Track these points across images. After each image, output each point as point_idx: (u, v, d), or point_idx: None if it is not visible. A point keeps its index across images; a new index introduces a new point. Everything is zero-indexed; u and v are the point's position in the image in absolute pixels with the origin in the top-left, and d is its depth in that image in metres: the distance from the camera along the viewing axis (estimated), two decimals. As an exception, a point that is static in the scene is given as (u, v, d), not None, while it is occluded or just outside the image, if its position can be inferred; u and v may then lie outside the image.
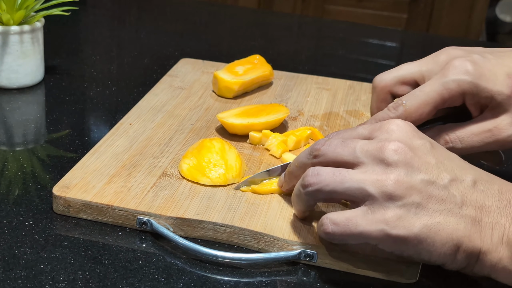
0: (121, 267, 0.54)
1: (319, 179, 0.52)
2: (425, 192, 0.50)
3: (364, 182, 0.51)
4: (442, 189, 0.50)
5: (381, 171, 0.51)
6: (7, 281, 0.51)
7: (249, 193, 0.62)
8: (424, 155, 0.51)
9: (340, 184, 0.51)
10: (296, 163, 0.58)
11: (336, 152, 0.53)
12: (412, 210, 0.49)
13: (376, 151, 0.51)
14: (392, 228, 0.50)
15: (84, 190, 0.60)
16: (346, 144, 0.53)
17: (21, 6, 0.82)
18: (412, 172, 0.50)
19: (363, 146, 0.52)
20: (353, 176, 0.51)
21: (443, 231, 0.49)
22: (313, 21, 1.44)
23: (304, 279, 0.55)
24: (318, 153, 0.54)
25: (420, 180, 0.50)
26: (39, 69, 0.86)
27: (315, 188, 0.53)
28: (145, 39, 1.11)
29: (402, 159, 0.50)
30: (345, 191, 0.51)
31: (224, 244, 0.58)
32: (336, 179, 0.52)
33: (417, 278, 0.55)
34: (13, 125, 0.77)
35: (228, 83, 0.82)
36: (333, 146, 0.54)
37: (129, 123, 0.74)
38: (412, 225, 0.49)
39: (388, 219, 0.50)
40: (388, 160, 0.51)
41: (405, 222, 0.49)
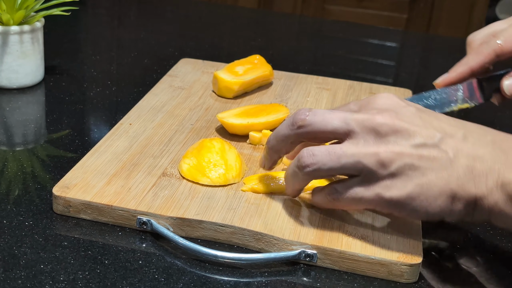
0: (121, 267, 0.54)
1: (316, 159, 0.54)
2: (417, 154, 0.52)
3: (358, 156, 0.53)
4: (433, 147, 0.52)
5: (372, 141, 0.53)
6: (7, 281, 0.51)
7: (249, 193, 0.62)
8: (412, 120, 0.53)
9: (337, 162, 0.53)
10: (277, 137, 0.58)
11: (325, 121, 0.54)
12: (404, 172, 0.52)
13: (366, 120, 0.53)
14: (385, 192, 0.52)
15: (84, 190, 0.60)
16: (335, 113, 0.54)
17: (21, 6, 0.82)
18: (402, 138, 0.52)
19: (353, 115, 0.54)
20: (347, 151, 0.53)
21: (436, 186, 0.51)
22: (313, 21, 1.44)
23: (304, 279, 0.55)
24: (304, 123, 0.55)
25: (410, 145, 0.52)
26: (39, 69, 0.86)
27: (313, 169, 0.54)
28: (145, 39, 1.11)
29: (391, 127, 0.52)
30: (342, 167, 0.53)
31: (224, 244, 0.58)
32: (332, 157, 0.53)
33: (417, 278, 0.55)
34: (13, 125, 0.77)
35: (228, 83, 0.82)
36: (320, 115, 0.55)
37: (129, 123, 0.74)
38: (404, 186, 0.52)
39: (382, 185, 0.53)
40: (378, 129, 0.53)
41: (398, 185, 0.52)
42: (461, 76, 0.67)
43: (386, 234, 0.57)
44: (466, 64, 0.67)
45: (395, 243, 0.56)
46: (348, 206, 0.56)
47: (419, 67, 1.11)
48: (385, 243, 0.56)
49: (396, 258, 0.54)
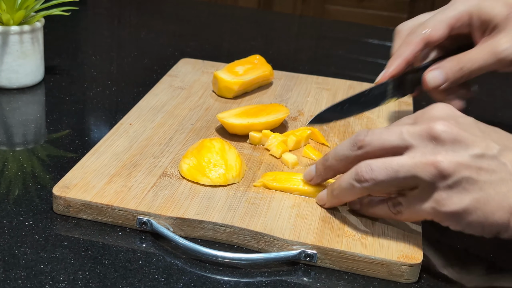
0: (121, 267, 0.54)
1: (374, 174, 0.54)
2: (475, 166, 0.51)
3: (415, 169, 0.52)
4: (492, 159, 0.51)
5: (430, 151, 0.52)
6: (7, 281, 0.51)
7: (249, 192, 0.62)
8: (470, 129, 0.52)
9: (394, 176, 0.53)
10: (336, 157, 0.58)
11: (383, 139, 0.54)
12: (462, 185, 0.51)
13: (424, 131, 0.52)
14: (442, 206, 0.52)
15: (84, 190, 0.60)
16: (391, 129, 0.54)
17: (21, 6, 0.82)
18: (460, 148, 0.51)
19: (409, 129, 0.53)
20: (404, 165, 0.52)
21: (494, 201, 0.50)
22: (313, 21, 1.44)
23: (304, 279, 0.55)
24: (363, 144, 0.55)
25: (469, 155, 0.51)
26: (39, 69, 0.86)
27: (371, 184, 0.54)
28: (145, 39, 1.11)
29: (450, 135, 0.51)
30: (399, 181, 0.53)
31: (224, 244, 0.58)
32: (389, 172, 0.53)
33: (417, 278, 0.55)
34: (13, 125, 0.77)
35: (228, 83, 0.82)
36: (377, 134, 0.55)
37: (129, 123, 0.74)
38: (461, 200, 0.51)
39: (438, 198, 0.52)
40: (437, 137, 0.52)
41: (454, 199, 0.51)
42: (399, 69, 0.69)
43: (386, 234, 0.57)
44: (400, 56, 0.69)
45: (395, 243, 0.56)
46: (409, 218, 0.56)
47: (419, 67, 1.11)
48: (385, 243, 0.56)
49: (396, 258, 0.54)
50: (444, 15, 0.68)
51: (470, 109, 0.67)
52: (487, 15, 0.67)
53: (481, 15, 0.67)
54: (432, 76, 0.68)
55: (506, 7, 0.67)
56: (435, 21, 0.68)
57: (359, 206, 0.59)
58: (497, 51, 0.65)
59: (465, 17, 0.68)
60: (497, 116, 0.92)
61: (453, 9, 0.69)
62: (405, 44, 0.69)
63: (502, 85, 1.02)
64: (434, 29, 0.68)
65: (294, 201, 0.61)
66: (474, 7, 0.68)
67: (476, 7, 0.68)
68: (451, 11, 0.68)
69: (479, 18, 0.68)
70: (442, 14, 0.69)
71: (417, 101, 0.88)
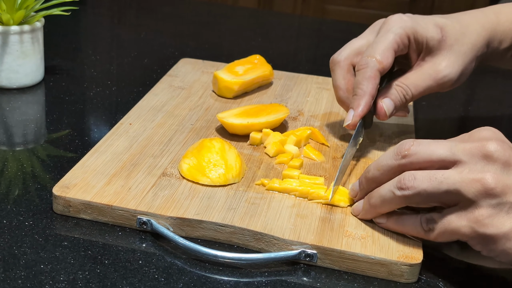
0: (121, 267, 0.54)
1: (417, 183, 0.53)
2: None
3: (461, 185, 0.51)
4: None
5: (479, 169, 0.51)
6: (7, 281, 0.51)
7: (249, 192, 0.62)
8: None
9: (437, 188, 0.52)
10: (378, 167, 0.57)
11: (431, 150, 0.53)
12: (505, 209, 0.50)
13: (476, 148, 0.51)
14: (481, 226, 0.50)
15: (84, 190, 0.60)
16: (440, 142, 0.53)
17: (21, 6, 0.82)
18: (510, 171, 0.50)
19: (460, 145, 0.52)
20: (449, 178, 0.51)
21: None
22: (313, 21, 1.44)
23: (304, 279, 0.55)
24: (409, 153, 0.54)
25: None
26: (39, 69, 0.86)
27: (412, 192, 0.53)
28: (145, 39, 1.11)
29: (502, 155, 0.50)
30: (441, 194, 0.52)
31: (224, 244, 0.58)
32: (432, 183, 0.52)
33: (417, 278, 0.55)
34: (13, 125, 0.77)
35: (228, 83, 0.82)
36: (425, 145, 0.54)
37: (129, 123, 0.74)
38: (502, 224, 0.50)
39: (479, 217, 0.50)
40: (488, 157, 0.51)
41: (495, 221, 0.50)
42: (368, 106, 0.67)
43: (386, 234, 0.57)
44: (366, 93, 0.67)
45: (395, 243, 0.56)
46: (441, 237, 0.54)
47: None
48: (385, 243, 0.56)
49: (396, 258, 0.54)
50: (386, 41, 0.68)
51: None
52: (422, 38, 0.69)
53: (417, 37, 0.69)
54: (386, 106, 0.69)
55: (438, 29, 0.69)
56: (380, 49, 0.67)
57: (385, 221, 0.57)
58: (438, 77, 0.69)
59: (405, 40, 0.68)
60: (496, 116, 0.92)
61: (392, 33, 0.68)
62: (365, 80, 0.67)
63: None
64: (383, 57, 0.67)
65: (294, 201, 0.61)
66: (410, 29, 0.68)
67: (412, 29, 0.68)
68: (391, 35, 0.68)
69: (415, 40, 0.69)
70: (384, 40, 0.68)
71: (416, 101, 0.88)
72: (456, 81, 0.70)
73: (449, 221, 0.52)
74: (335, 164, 0.69)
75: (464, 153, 0.52)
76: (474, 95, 1.01)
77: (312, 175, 0.66)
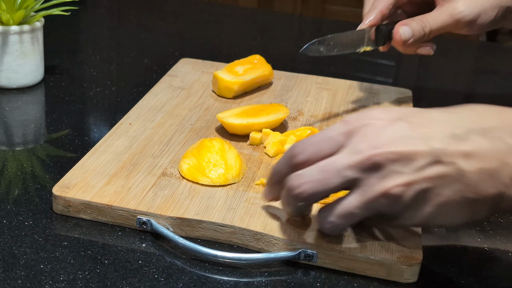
0: (121, 267, 0.54)
1: (334, 226, 0.53)
2: (424, 178, 0.49)
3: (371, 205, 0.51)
4: (437, 164, 0.49)
5: (376, 180, 0.50)
6: (7, 281, 0.51)
7: (249, 192, 0.62)
8: (405, 140, 0.50)
9: (356, 218, 0.52)
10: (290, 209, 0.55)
11: (323, 184, 0.51)
12: (418, 199, 0.50)
13: (364, 163, 0.50)
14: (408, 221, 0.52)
15: (84, 190, 0.60)
16: (327, 170, 0.51)
17: (21, 6, 0.82)
18: (404, 167, 0.49)
19: (348, 162, 0.50)
20: (356, 205, 0.51)
21: (453, 201, 0.49)
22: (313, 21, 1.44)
23: (304, 279, 0.55)
24: (303, 196, 0.52)
25: (413, 170, 0.49)
26: (39, 69, 0.86)
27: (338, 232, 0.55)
28: (145, 39, 1.11)
29: (388, 160, 0.50)
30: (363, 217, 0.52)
31: (224, 244, 0.58)
32: (347, 218, 0.52)
33: (417, 278, 0.55)
34: (13, 125, 0.77)
35: (228, 83, 0.82)
36: (315, 181, 0.51)
37: (129, 123, 0.74)
38: (422, 211, 0.50)
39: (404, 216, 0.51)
40: (377, 167, 0.50)
41: (416, 214, 0.51)
42: (375, 20, 0.77)
43: (386, 234, 0.57)
44: (376, 8, 0.77)
45: (395, 243, 0.56)
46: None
47: (419, 67, 1.11)
48: (385, 243, 0.56)
49: (396, 258, 0.54)
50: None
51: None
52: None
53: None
54: (402, 31, 0.75)
55: None
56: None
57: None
58: (454, 12, 0.74)
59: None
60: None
61: None
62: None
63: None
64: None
65: (294, 201, 0.61)
66: None
67: None
68: None
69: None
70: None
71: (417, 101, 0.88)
72: (472, 21, 0.74)
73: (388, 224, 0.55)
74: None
75: (355, 171, 0.50)
76: (474, 95, 1.01)
77: None
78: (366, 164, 0.50)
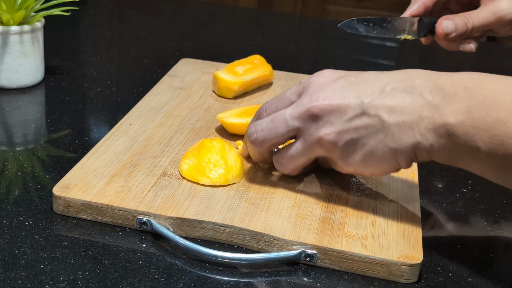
0: (121, 267, 0.54)
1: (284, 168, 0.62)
2: (352, 128, 0.57)
3: (311, 149, 0.59)
4: (363, 115, 0.56)
5: (314, 131, 0.58)
6: (7, 281, 0.51)
7: (249, 192, 0.62)
8: (341, 95, 0.57)
9: (301, 161, 0.61)
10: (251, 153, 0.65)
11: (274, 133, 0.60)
12: (349, 148, 0.57)
13: (304, 114, 0.58)
14: (343, 165, 0.59)
15: (84, 190, 0.60)
16: (276, 120, 0.60)
17: (21, 6, 0.82)
18: (336, 118, 0.57)
19: (293, 113, 0.59)
20: (299, 150, 0.60)
21: (377, 149, 0.56)
22: (313, 21, 1.44)
23: (304, 279, 0.55)
24: (257, 142, 0.61)
25: (343, 121, 0.57)
26: (39, 69, 0.86)
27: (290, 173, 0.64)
28: (145, 39, 1.11)
29: (324, 111, 0.57)
30: (308, 160, 0.61)
31: (224, 244, 0.58)
32: (294, 161, 0.61)
33: (417, 278, 0.55)
34: (13, 125, 0.77)
35: (228, 83, 0.82)
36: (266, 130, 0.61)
37: (129, 123, 0.74)
38: (354, 159, 0.58)
39: (338, 163, 0.59)
40: (315, 117, 0.58)
41: (349, 160, 0.58)
42: (418, 10, 0.80)
43: (386, 234, 0.57)
44: (419, 0, 0.80)
45: (395, 243, 0.56)
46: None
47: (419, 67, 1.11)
48: (385, 243, 0.56)
49: (396, 258, 0.54)
50: None
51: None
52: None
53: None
54: (445, 24, 0.77)
55: None
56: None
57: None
58: (496, 10, 0.76)
59: None
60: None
61: None
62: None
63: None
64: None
65: (294, 201, 0.61)
66: None
67: None
68: None
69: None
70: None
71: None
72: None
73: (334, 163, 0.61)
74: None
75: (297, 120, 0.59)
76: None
77: None
78: (306, 114, 0.58)
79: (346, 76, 0.59)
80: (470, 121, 0.52)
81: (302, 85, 0.61)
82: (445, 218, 0.65)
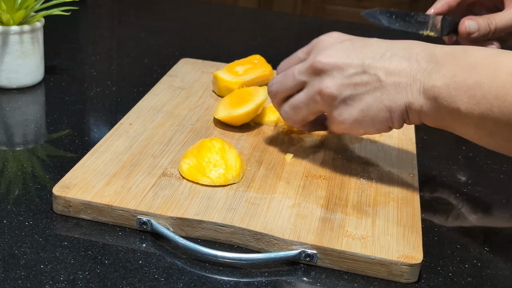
0: (121, 267, 0.54)
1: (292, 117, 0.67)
2: (352, 83, 0.61)
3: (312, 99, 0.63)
4: (363, 74, 0.61)
5: (318, 81, 0.62)
6: (7, 281, 0.51)
7: (249, 192, 0.62)
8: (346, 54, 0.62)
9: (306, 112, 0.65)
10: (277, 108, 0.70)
11: (284, 86, 0.66)
12: (347, 102, 0.61)
13: (309, 68, 0.63)
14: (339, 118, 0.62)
15: (84, 190, 0.60)
16: (288, 74, 0.66)
17: (21, 6, 0.82)
18: (338, 73, 0.61)
19: (300, 68, 0.64)
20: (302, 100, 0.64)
21: (373, 106, 0.60)
22: (313, 21, 1.44)
23: (304, 279, 0.55)
24: (271, 94, 0.68)
25: (344, 76, 0.61)
26: (39, 69, 0.86)
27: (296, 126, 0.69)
28: (145, 39, 1.11)
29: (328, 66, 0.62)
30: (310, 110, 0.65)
31: (224, 244, 0.58)
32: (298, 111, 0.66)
33: (417, 278, 0.55)
34: (13, 125, 0.77)
35: (228, 83, 0.82)
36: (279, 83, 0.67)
37: (129, 123, 0.74)
38: (351, 113, 0.61)
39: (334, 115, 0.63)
40: (318, 69, 0.62)
41: (345, 113, 0.62)
42: (442, 8, 0.82)
43: (386, 234, 0.57)
44: (444, 0, 0.82)
45: (395, 243, 0.56)
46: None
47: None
48: (385, 243, 0.56)
49: (396, 258, 0.54)
50: None
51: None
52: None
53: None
54: (468, 24, 0.79)
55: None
56: None
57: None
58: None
59: None
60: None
61: None
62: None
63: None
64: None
65: (294, 201, 0.61)
66: None
67: None
68: None
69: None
70: None
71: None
72: None
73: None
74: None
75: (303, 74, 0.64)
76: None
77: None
78: (311, 69, 0.63)
79: (352, 39, 0.64)
80: (454, 84, 0.56)
81: (311, 44, 0.66)
82: (445, 218, 0.65)
